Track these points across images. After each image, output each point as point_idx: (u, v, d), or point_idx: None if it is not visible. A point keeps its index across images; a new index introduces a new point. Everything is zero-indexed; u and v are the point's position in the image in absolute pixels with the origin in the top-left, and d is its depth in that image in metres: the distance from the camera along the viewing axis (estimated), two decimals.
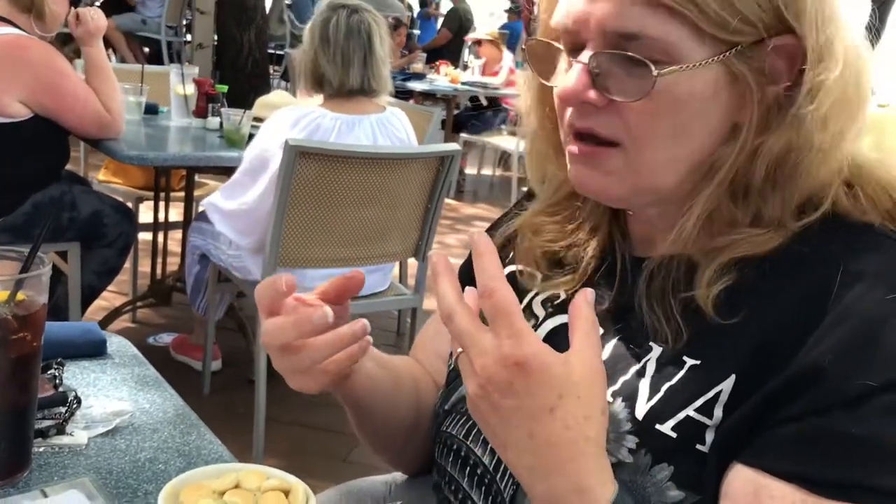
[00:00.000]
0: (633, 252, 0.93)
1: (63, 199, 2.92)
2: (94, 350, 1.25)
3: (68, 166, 3.14)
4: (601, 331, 0.90)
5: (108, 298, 3.68)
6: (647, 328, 0.85)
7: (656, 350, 0.84)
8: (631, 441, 0.81)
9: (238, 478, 0.82)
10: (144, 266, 4.04)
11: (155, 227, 3.87)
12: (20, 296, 0.88)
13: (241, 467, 0.84)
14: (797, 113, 0.78)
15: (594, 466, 0.71)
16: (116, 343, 1.32)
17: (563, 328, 0.94)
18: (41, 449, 0.99)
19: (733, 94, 0.79)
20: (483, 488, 0.91)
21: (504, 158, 8.10)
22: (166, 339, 3.54)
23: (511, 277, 1.02)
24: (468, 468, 0.93)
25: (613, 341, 0.88)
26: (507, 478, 0.88)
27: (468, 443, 0.93)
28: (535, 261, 0.98)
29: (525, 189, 1.12)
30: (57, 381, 1.11)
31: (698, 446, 0.78)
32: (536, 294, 0.98)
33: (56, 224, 2.86)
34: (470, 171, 8.07)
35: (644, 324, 0.85)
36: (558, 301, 0.96)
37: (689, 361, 0.81)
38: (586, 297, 0.75)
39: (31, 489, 0.92)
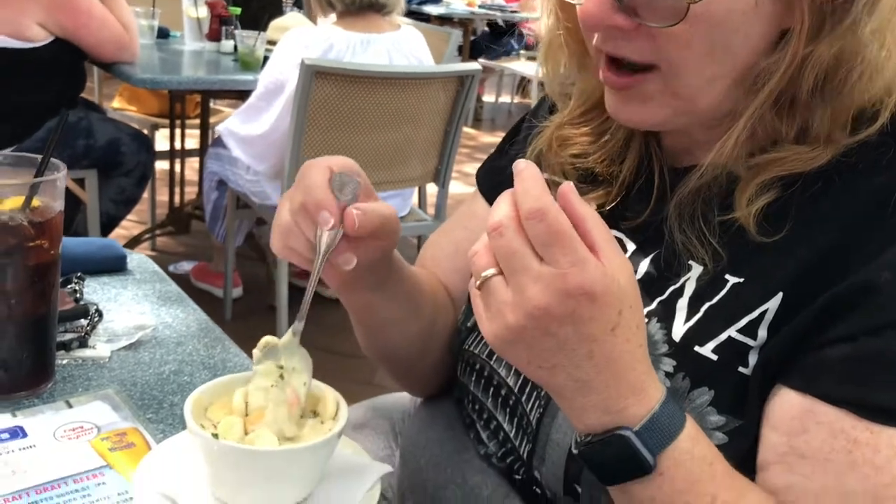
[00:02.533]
0: (671, 164, 0.88)
1: (79, 125, 2.88)
2: (113, 265, 1.23)
3: (83, 95, 3.10)
4: (633, 246, 0.86)
5: (127, 227, 3.67)
6: (686, 246, 0.81)
7: (696, 269, 0.80)
8: (668, 364, 0.77)
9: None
10: (162, 195, 4.02)
11: (171, 154, 3.84)
12: (35, 202, 0.85)
13: None
14: (852, 23, 0.72)
15: (647, 369, 0.67)
16: (137, 260, 1.29)
17: None
18: (64, 362, 0.98)
19: (778, 1, 0.73)
20: (507, 409, 0.88)
21: (523, 85, 7.96)
22: (186, 267, 3.54)
23: None
24: (492, 388, 0.90)
25: (648, 259, 0.84)
26: (532, 399, 0.85)
27: (492, 363, 0.90)
28: (564, 173, 0.93)
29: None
30: (77, 294, 1.09)
31: (740, 369, 0.74)
32: None
33: (72, 151, 2.83)
34: (488, 98, 7.95)
35: (682, 241, 0.81)
36: None
37: (732, 280, 0.77)
38: (570, 193, 0.65)
39: (55, 400, 0.90)
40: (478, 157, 6.35)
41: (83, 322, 1.03)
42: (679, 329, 0.78)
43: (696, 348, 0.76)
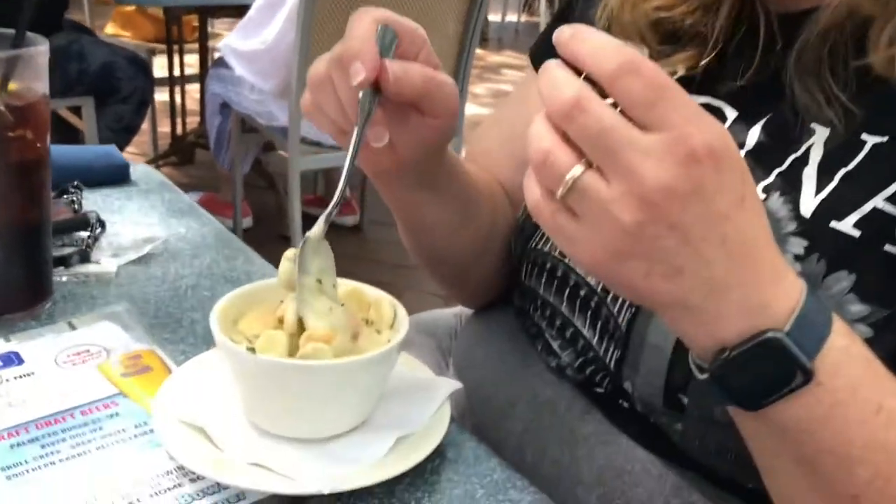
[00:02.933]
0: (780, 9, 0.72)
1: (70, 48, 2.71)
2: (115, 175, 1.08)
3: (73, 19, 2.92)
4: (735, 113, 0.71)
5: (128, 159, 3.51)
6: (808, 106, 0.65)
7: (821, 132, 0.65)
8: (797, 245, 0.63)
9: None
10: (164, 126, 3.85)
11: (171, 81, 3.66)
12: (12, 85, 0.70)
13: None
14: None
15: (779, 252, 0.53)
16: (141, 170, 1.15)
17: None
18: (64, 279, 0.84)
19: None
20: (588, 312, 0.74)
21: (529, 2, 7.68)
22: (192, 198, 3.38)
23: None
24: (567, 290, 0.75)
25: (759, 126, 0.69)
26: (621, 298, 0.71)
27: (566, 260, 0.75)
28: (641, 33, 0.77)
29: None
30: (76, 206, 0.95)
31: (887, 247, 0.59)
32: None
33: (64, 77, 2.67)
34: (493, 17, 7.67)
35: (805, 100, 0.66)
36: (675, 78, 0.75)
37: (871, 140, 0.62)
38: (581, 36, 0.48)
39: (55, 321, 0.77)
40: (487, 77, 6.14)
41: (83, 234, 0.89)
42: (809, 202, 0.63)
43: (833, 223, 0.61)
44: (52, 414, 0.64)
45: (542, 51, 0.91)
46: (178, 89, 3.74)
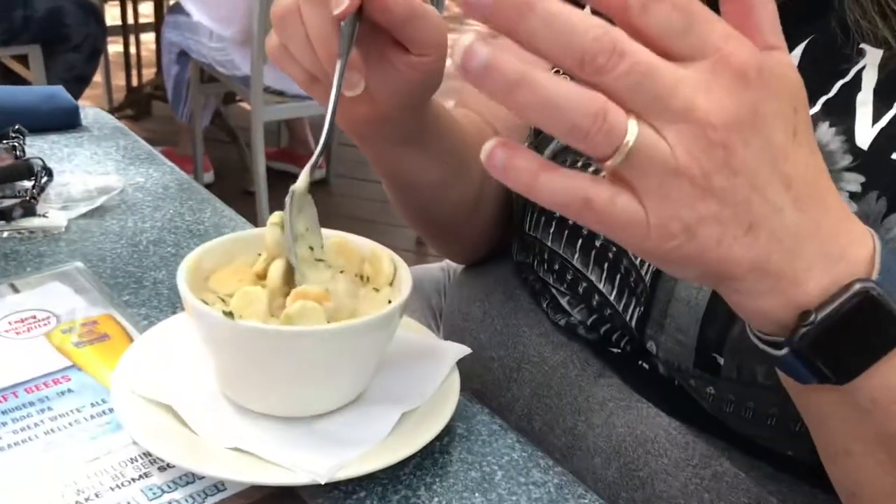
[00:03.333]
0: None
1: None
2: (63, 120, 0.97)
3: None
4: None
5: None
6: (857, 23, 0.57)
7: (873, 53, 0.56)
8: (852, 181, 0.54)
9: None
10: (118, 78, 3.67)
11: (125, 30, 3.48)
12: None
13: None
14: None
15: (836, 189, 0.44)
16: (93, 114, 1.03)
17: None
18: (5, 234, 0.73)
19: None
20: (606, 265, 0.65)
21: None
22: None
23: None
24: (580, 241, 0.66)
25: (799, 49, 0.60)
26: None
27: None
28: None
29: None
30: (18, 152, 0.83)
31: None
32: None
33: (8, 24, 2.50)
34: None
35: (850, 17, 0.57)
36: None
37: None
38: None
39: None
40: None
41: (26, 184, 0.78)
42: (866, 132, 0.55)
43: (895, 156, 0.53)
44: None
45: None
46: (132, 39, 3.56)
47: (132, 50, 3.58)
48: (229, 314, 0.47)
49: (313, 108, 2.58)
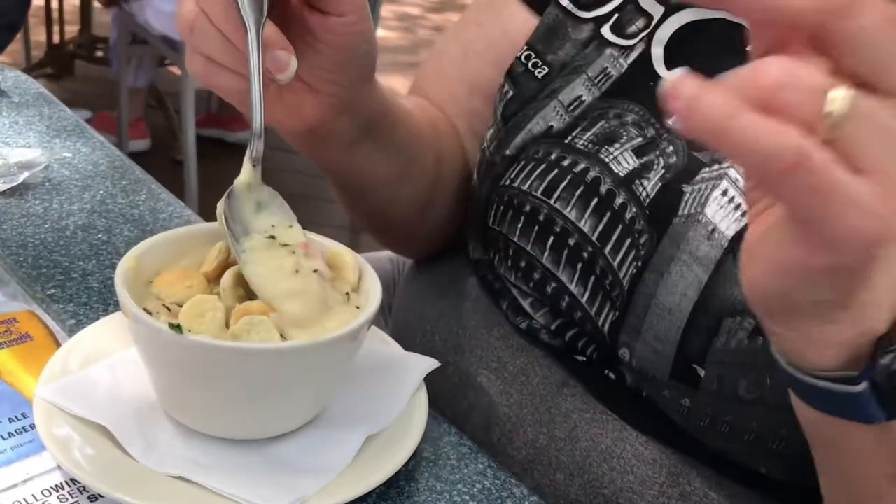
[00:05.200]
0: None
1: None
2: None
3: None
4: None
5: None
6: None
7: None
8: None
9: (228, 248, 0.49)
10: (38, 34, 3.48)
11: None
12: None
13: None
14: None
15: None
16: (13, 78, 0.94)
17: (706, 26, 0.59)
18: None
19: None
20: (579, 266, 0.61)
21: None
22: (82, 117, 3.08)
23: None
24: (551, 239, 0.62)
25: None
26: (625, 250, 0.58)
27: (552, 202, 0.62)
28: None
29: None
30: None
31: None
32: None
33: None
34: None
35: None
36: None
37: None
38: None
39: None
40: None
41: None
42: None
43: None
44: None
45: None
46: None
47: (54, 4, 3.39)
48: (176, 327, 0.41)
49: None
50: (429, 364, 0.54)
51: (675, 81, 0.29)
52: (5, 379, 0.50)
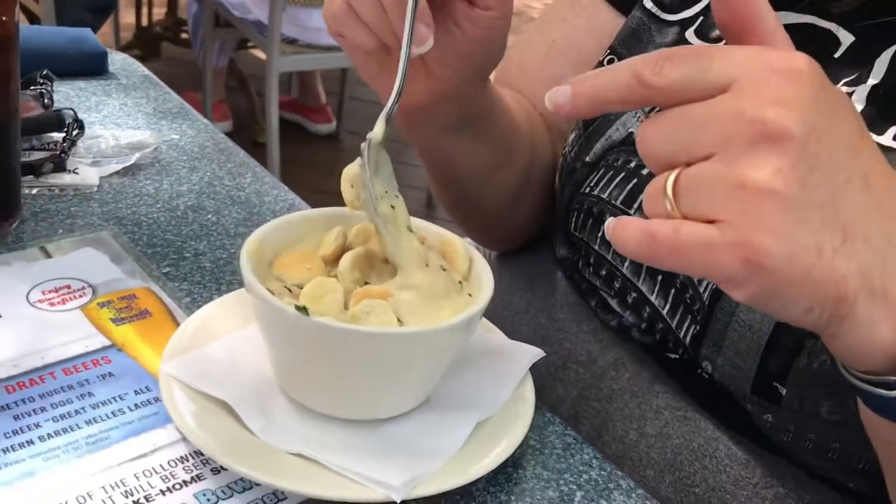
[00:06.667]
0: None
1: None
2: (91, 65, 0.91)
3: None
4: (851, 38, 0.58)
5: None
6: None
7: None
8: None
9: (344, 233, 0.50)
10: (127, 16, 3.57)
11: None
12: None
13: (343, 214, 0.52)
14: None
15: None
16: (120, 60, 0.97)
17: (789, 32, 0.60)
18: (34, 191, 0.68)
19: None
20: (660, 278, 0.60)
21: None
22: None
23: None
24: None
25: (886, 55, 0.55)
26: None
27: (632, 212, 0.61)
28: None
29: None
30: (46, 100, 0.78)
31: None
32: None
33: None
34: None
35: None
36: None
37: None
38: None
39: (26, 246, 0.61)
40: None
41: (57, 136, 0.72)
42: None
43: None
44: (27, 373, 0.49)
45: None
46: None
47: None
48: (303, 310, 0.43)
49: (329, 60, 2.51)
50: (535, 353, 0.54)
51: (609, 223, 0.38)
52: (129, 353, 0.52)
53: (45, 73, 0.80)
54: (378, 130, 0.48)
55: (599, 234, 0.64)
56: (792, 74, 0.34)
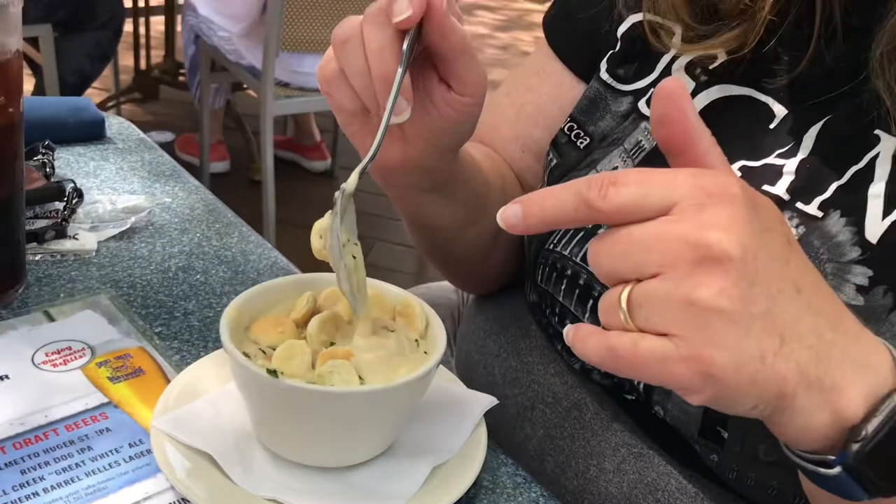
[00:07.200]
0: None
1: None
2: (89, 132, 0.98)
3: None
4: (785, 111, 0.63)
5: (89, 94, 3.34)
6: (870, 107, 0.58)
7: (887, 141, 0.57)
8: (860, 275, 0.55)
9: (314, 297, 0.57)
10: (126, 59, 3.66)
11: (135, 12, 3.46)
12: None
13: (313, 280, 0.59)
14: None
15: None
16: (116, 124, 1.04)
17: (730, 103, 0.64)
18: (38, 257, 0.75)
19: None
20: None
21: None
22: (157, 137, 3.24)
23: (636, 32, 0.73)
24: (591, 301, 0.67)
25: (814, 129, 0.61)
26: None
27: (590, 267, 0.68)
28: (675, 7, 0.68)
29: None
30: (48, 169, 0.84)
31: None
32: (677, 57, 0.69)
33: (48, 0, 2.53)
34: None
35: (864, 100, 0.58)
36: (715, 65, 0.67)
37: None
38: (682, 94, 0.43)
39: (30, 310, 0.68)
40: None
41: (58, 205, 0.79)
42: (876, 227, 0.56)
43: None
44: (33, 430, 0.55)
45: (559, 20, 0.82)
46: (142, 21, 3.55)
47: (141, 30, 3.56)
48: (273, 372, 0.49)
49: (321, 103, 2.59)
50: (488, 401, 0.60)
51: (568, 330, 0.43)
52: (124, 409, 0.58)
53: (47, 143, 0.87)
54: (351, 182, 0.53)
55: (563, 287, 0.70)
56: (727, 199, 0.39)
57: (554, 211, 0.42)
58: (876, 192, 0.56)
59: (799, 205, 0.59)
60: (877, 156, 0.57)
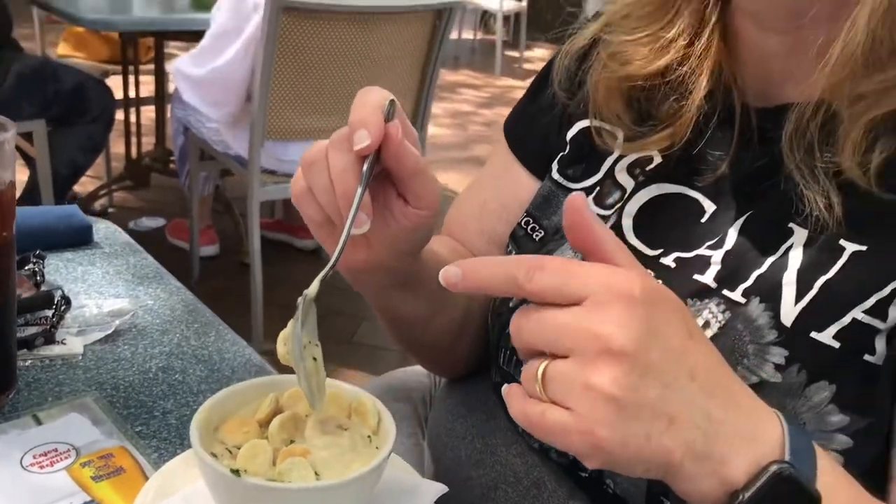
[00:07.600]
0: (758, 104, 0.72)
1: (45, 70, 2.68)
2: (78, 238, 1.05)
3: (23, 44, 2.86)
4: (714, 207, 0.71)
5: (82, 182, 3.44)
6: (784, 203, 0.66)
7: (799, 233, 0.65)
8: (777, 355, 0.63)
9: (277, 398, 0.63)
10: (117, 147, 3.77)
11: (126, 103, 3.58)
12: None
13: (277, 382, 0.65)
14: None
15: (738, 378, 0.53)
16: (103, 229, 1.11)
17: (665, 200, 0.73)
18: (27, 363, 0.81)
19: None
20: None
21: (485, 19, 7.71)
22: (148, 223, 3.33)
23: (583, 136, 0.81)
24: None
25: (738, 223, 0.69)
26: None
27: (512, 338, 0.75)
28: (617, 113, 0.77)
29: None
30: (38, 277, 0.91)
31: (867, 357, 0.60)
32: (619, 158, 0.78)
33: (42, 97, 2.65)
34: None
35: (779, 197, 0.66)
36: (652, 166, 0.76)
37: (851, 247, 0.62)
38: (583, 205, 0.51)
39: (20, 414, 0.73)
40: (444, 96, 6.13)
41: (48, 313, 0.85)
42: (790, 311, 0.63)
43: (814, 334, 0.62)
44: None
45: (518, 125, 0.91)
46: (132, 110, 3.67)
47: (132, 119, 3.68)
48: (235, 472, 0.55)
49: None
50: (438, 489, 0.65)
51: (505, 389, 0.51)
52: None
53: (37, 253, 0.93)
54: (312, 289, 0.60)
55: (521, 370, 0.76)
56: (628, 299, 0.47)
57: (487, 280, 0.50)
58: (789, 279, 0.64)
59: (725, 292, 0.66)
60: (791, 246, 0.65)
